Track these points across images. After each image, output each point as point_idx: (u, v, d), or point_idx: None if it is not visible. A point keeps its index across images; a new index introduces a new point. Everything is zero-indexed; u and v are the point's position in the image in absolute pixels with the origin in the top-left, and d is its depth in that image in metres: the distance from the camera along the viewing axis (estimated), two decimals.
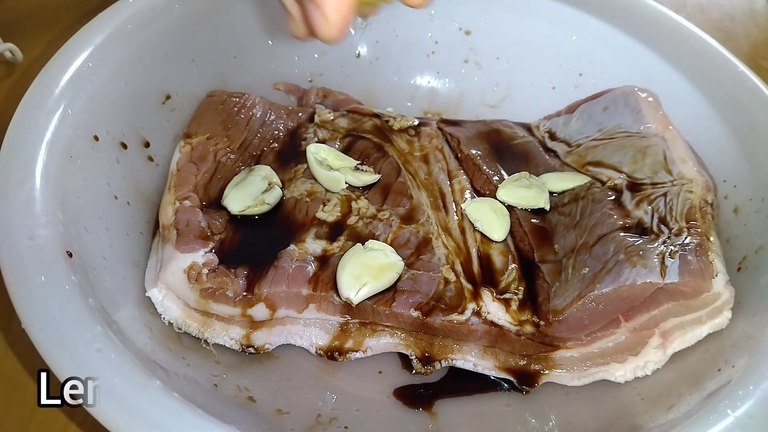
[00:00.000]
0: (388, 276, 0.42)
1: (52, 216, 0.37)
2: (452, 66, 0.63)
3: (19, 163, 0.39)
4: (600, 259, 0.43)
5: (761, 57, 0.76)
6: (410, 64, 0.63)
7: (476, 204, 0.48)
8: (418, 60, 0.63)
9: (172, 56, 0.51)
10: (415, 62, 0.63)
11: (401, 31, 0.62)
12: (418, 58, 0.63)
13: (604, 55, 0.59)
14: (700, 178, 0.48)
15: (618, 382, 0.43)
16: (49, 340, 0.32)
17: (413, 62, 0.63)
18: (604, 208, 0.46)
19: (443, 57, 0.63)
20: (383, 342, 0.43)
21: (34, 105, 0.41)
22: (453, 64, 0.63)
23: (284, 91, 0.59)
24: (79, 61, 0.44)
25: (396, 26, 0.62)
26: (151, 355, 0.37)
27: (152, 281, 0.42)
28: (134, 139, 0.47)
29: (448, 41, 0.62)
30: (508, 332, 0.42)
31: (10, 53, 0.61)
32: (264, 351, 0.43)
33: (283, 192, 0.47)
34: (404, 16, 0.62)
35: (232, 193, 0.46)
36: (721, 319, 0.43)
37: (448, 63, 0.63)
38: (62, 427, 0.41)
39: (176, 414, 0.31)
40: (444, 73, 0.63)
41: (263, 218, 0.46)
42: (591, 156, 0.52)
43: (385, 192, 0.48)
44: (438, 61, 0.63)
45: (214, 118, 0.50)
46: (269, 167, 0.48)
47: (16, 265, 0.35)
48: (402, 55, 0.63)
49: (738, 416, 0.34)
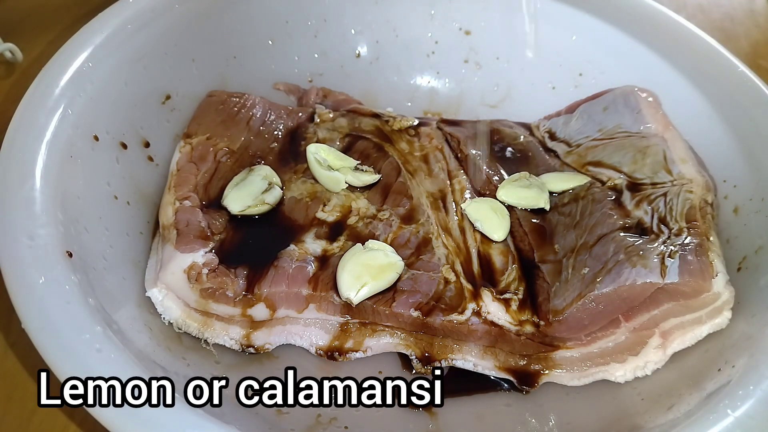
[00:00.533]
0: (388, 276, 0.42)
1: (52, 216, 0.37)
2: (452, 66, 0.63)
3: (19, 163, 0.38)
4: (600, 259, 0.43)
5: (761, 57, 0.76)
6: (410, 64, 0.63)
7: (476, 204, 0.48)
8: (418, 60, 0.63)
9: (172, 56, 0.51)
10: (415, 62, 0.63)
11: (401, 31, 0.62)
12: (418, 58, 0.63)
13: (604, 55, 0.59)
14: (700, 178, 0.48)
15: (618, 382, 0.43)
16: (49, 340, 0.32)
17: (413, 62, 0.63)
18: (604, 208, 0.46)
19: (443, 57, 0.63)
20: (383, 342, 0.43)
21: (34, 105, 0.41)
22: (453, 64, 0.63)
23: (284, 91, 0.59)
24: (79, 61, 0.44)
25: (396, 26, 0.62)
26: (151, 355, 0.37)
27: (152, 281, 0.42)
28: (134, 139, 0.47)
29: (448, 41, 0.62)
30: (508, 332, 0.42)
31: (10, 53, 0.61)
32: (264, 351, 0.43)
33: (282, 192, 0.47)
34: (404, 16, 0.62)
35: (232, 193, 0.46)
36: (721, 319, 0.43)
37: (448, 63, 0.63)
38: (62, 427, 0.41)
39: (176, 414, 0.31)
40: (444, 73, 0.63)
41: (263, 218, 0.46)
42: (591, 156, 0.52)
43: (385, 192, 0.48)
44: (438, 61, 0.63)
45: (214, 118, 0.50)
46: (269, 167, 0.48)
47: (16, 265, 0.35)
48: (402, 55, 0.63)
49: (738, 416, 0.34)
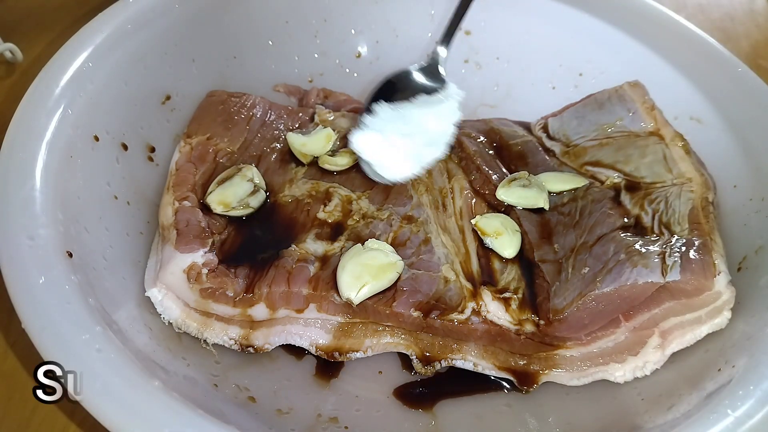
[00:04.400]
0: (388, 276, 0.42)
1: (52, 216, 0.37)
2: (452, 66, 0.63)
3: (19, 163, 0.39)
4: (600, 259, 0.43)
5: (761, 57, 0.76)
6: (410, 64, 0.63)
7: (486, 220, 0.48)
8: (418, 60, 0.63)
9: (172, 56, 0.51)
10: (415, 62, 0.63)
11: (401, 31, 0.62)
12: (418, 58, 0.63)
13: (604, 55, 0.59)
14: (700, 176, 0.48)
15: (618, 382, 0.43)
16: (49, 340, 0.32)
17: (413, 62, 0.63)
18: (604, 207, 0.46)
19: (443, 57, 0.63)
20: (383, 342, 0.43)
21: (34, 105, 0.41)
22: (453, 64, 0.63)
23: (285, 92, 0.59)
24: (79, 61, 0.44)
25: (396, 26, 0.62)
26: (151, 355, 0.37)
27: (152, 281, 0.42)
28: (134, 139, 0.47)
29: None
30: (508, 331, 0.42)
31: (10, 53, 0.61)
32: (263, 351, 0.43)
33: (267, 195, 0.47)
34: (404, 16, 0.62)
35: (216, 192, 0.45)
36: (721, 319, 0.43)
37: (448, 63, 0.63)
38: (62, 427, 0.41)
39: (176, 414, 0.31)
40: None
41: (264, 218, 0.46)
42: (589, 155, 0.52)
43: (386, 192, 0.48)
44: None
45: (214, 118, 0.50)
46: (256, 169, 0.48)
47: (16, 265, 0.35)
48: (402, 55, 0.62)
49: (738, 416, 0.34)
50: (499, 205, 0.49)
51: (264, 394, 0.41)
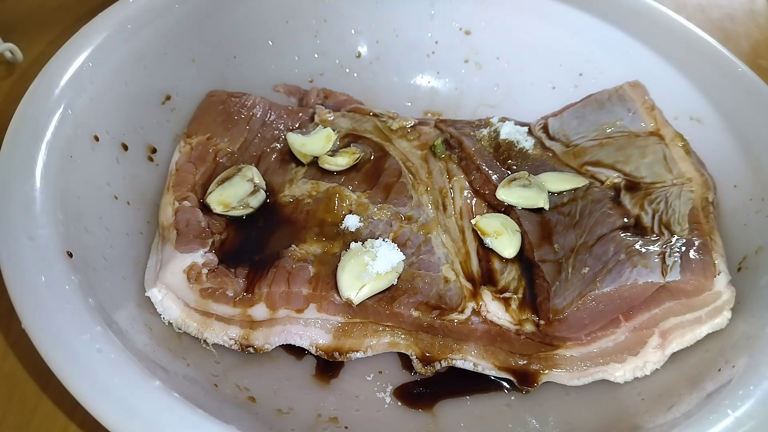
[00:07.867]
0: (388, 276, 0.42)
1: (52, 216, 0.37)
2: (452, 66, 0.63)
3: (19, 163, 0.39)
4: (600, 259, 0.43)
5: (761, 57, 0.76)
6: (410, 64, 0.63)
7: (487, 220, 0.48)
8: (418, 60, 0.63)
9: (172, 56, 0.51)
10: (415, 62, 0.63)
11: (401, 31, 0.62)
12: (418, 58, 0.63)
13: (604, 55, 0.59)
14: (700, 176, 0.48)
15: (618, 382, 0.43)
16: (49, 340, 0.32)
17: (413, 62, 0.63)
18: (604, 207, 0.46)
19: (443, 57, 0.63)
20: (383, 342, 0.43)
21: (34, 105, 0.41)
22: (453, 64, 0.63)
23: (285, 92, 0.59)
24: (79, 61, 0.44)
25: (396, 26, 0.62)
26: (151, 355, 0.37)
27: (152, 281, 0.42)
28: (134, 139, 0.47)
29: (448, 41, 0.62)
30: (508, 331, 0.42)
31: (10, 53, 0.61)
32: (263, 351, 0.43)
33: (267, 195, 0.47)
34: (404, 16, 0.62)
35: (216, 192, 0.45)
36: (721, 319, 0.43)
37: (448, 63, 0.63)
38: (62, 427, 0.41)
39: (176, 414, 0.31)
40: (444, 73, 0.63)
41: (264, 218, 0.46)
42: (589, 155, 0.52)
43: (386, 192, 0.48)
44: (438, 61, 0.63)
45: (214, 118, 0.50)
46: (256, 169, 0.48)
47: (16, 265, 0.35)
48: (402, 55, 0.63)
49: (738, 416, 0.34)
50: (499, 205, 0.49)
51: (264, 394, 0.41)
